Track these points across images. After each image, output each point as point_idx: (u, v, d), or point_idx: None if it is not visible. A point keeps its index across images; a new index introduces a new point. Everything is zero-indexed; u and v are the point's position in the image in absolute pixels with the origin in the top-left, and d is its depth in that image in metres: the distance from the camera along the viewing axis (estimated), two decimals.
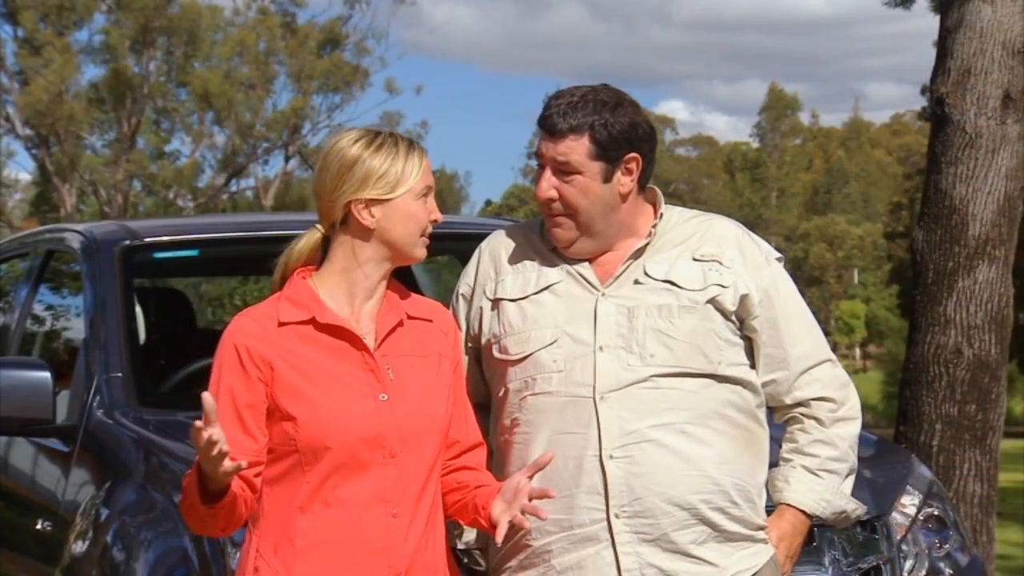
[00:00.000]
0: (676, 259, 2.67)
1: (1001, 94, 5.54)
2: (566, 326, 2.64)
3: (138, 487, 3.24)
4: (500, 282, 2.71)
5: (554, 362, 2.62)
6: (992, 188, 5.56)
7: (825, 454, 2.70)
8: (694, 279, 2.65)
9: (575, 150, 2.61)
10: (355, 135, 2.49)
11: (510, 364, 2.66)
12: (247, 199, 36.61)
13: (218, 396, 2.38)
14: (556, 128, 2.62)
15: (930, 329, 5.60)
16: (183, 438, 3.28)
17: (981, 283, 5.56)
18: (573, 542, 2.60)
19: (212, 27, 33.99)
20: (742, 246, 2.71)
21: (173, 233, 4.28)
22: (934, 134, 5.74)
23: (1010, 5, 5.57)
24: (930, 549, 3.31)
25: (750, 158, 60.87)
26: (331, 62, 33.96)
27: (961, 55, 5.57)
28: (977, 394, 5.55)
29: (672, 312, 2.63)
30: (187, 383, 3.91)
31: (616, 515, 2.59)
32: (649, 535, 2.59)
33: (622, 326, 2.62)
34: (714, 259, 2.67)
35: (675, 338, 2.62)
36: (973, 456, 5.53)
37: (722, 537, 2.63)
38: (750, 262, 2.69)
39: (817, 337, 2.74)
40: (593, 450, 2.59)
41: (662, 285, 2.65)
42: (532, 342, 2.64)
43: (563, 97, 2.64)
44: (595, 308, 2.64)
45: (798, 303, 2.73)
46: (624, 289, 2.65)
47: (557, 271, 2.68)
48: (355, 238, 2.48)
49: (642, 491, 2.58)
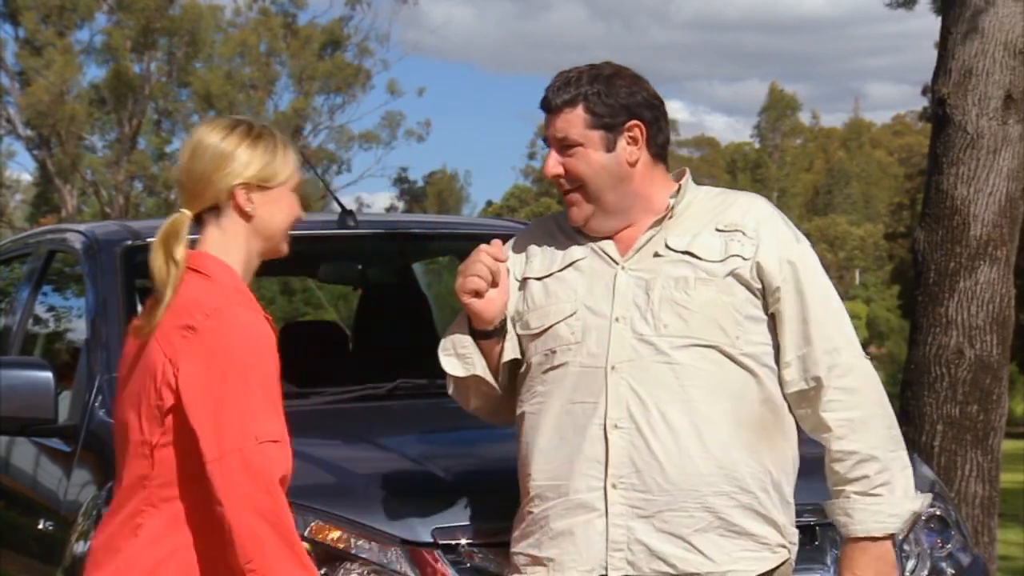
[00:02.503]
0: (699, 231, 2.66)
1: (1003, 95, 5.54)
2: (585, 299, 2.66)
3: None
4: (528, 263, 2.75)
5: (572, 334, 2.64)
6: (993, 189, 5.55)
7: (872, 471, 2.63)
8: (715, 250, 2.64)
9: (572, 123, 2.64)
10: (229, 122, 2.45)
11: (531, 338, 2.69)
12: None
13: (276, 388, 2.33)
14: (552, 104, 2.66)
15: (931, 330, 5.59)
16: None
17: (983, 284, 5.55)
18: (568, 508, 2.60)
19: (213, 28, 34.00)
20: (770, 218, 2.68)
21: None
22: (935, 135, 5.73)
23: (1012, 6, 5.57)
24: (932, 549, 3.31)
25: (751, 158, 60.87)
26: (333, 63, 33.99)
27: (962, 56, 5.57)
28: (979, 395, 5.55)
29: (688, 283, 2.62)
30: None
31: (613, 485, 2.57)
32: (644, 511, 2.56)
33: (638, 297, 2.62)
34: (737, 228, 2.65)
35: (690, 309, 2.60)
36: (975, 457, 5.53)
37: (725, 529, 2.58)
38: (778, 235, 2.66)
39: (845, 323, 2.67)
40: (599, 419, 2.59)
41: (681, 257, 2.64)
42: (551, 315, 2.67)
43: (560, 75, 2.68)
44: (614, 280, 2.65)
45: (827, 286, 2.68)
46: (644, 262, 2.66)
47: (581, 249, 2.71)
48: (231, 228, 2.43)
49: (642, 465, 2.56)
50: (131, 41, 32.45)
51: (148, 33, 32.31)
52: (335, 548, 2.86)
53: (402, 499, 2.93)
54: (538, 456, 2.65)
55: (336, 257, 4.68)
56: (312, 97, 34.29)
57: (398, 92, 36.37)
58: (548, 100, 2.66)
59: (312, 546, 2.84)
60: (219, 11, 34.33)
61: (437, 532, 2.87)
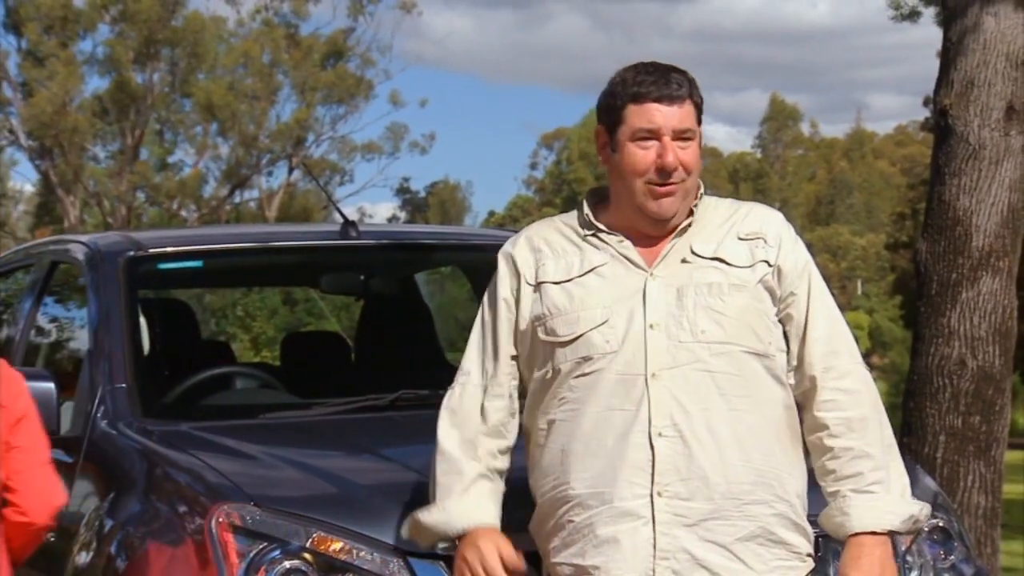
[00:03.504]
0: (723, 237, 2.69)
1: (1004, 106, 5.54)
2: (616, 306, 2.64)
3: (142, 498, 3.24)
4: (541, 267, 2.72)
5: (607, 342, 2.62)
6: (996, 199, 5.56)
7: (867, 467, 2.65)
8: (742, 256, 2.67)
9: (688, 115, 2.66)
10: None
11: (559, 345, 2.66)
12: (251, 210, 36.63)
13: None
14: (675, 95, 2.64)
15: (934, 340, 5.59)
16: (186, 449, 3.29)
17: (985, 294, 5.55)
18: (612, 516, 2.59)
19: (216, 38, 34.04)
20: (787, 227, 2.75)
21: (177, 244, 4.28)
22: (937, 145, 5.74)
23: (1014, 17, 5.58)
24: (935, 560, 3.30)
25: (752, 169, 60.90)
26: (335, 74, 34.01)
27: (965, 67, 5.58)
28: (981, 406, 5.54)
29: (722, 290, 2.64)
30: (191, 394, 3.91)
31: (659, 493, 2.57)
32: (689, 519, 2.57)
33: (671, 305, 2.63)
34: (758, 236, 2.70)
35: (726, 315, 2.62)
36: (977, 468, 5.53)
37: (764, 538, 2.60)
38: (795, 244, 2.73)
39: (845, 331, 2.74)
40: (642, 426, 2.58)
41: (710, 263, 2.66)
42: (583, 322, 2.64)
43: (655, 66, 2.68)
44: (644, 288, 2.64)
45: (829, 295, 2.77)
46: (672, 268, 2.66)
47: (600, 254, 2.69)
48: None
49: (688, 473, 2.57)
50: (133, 52, 32.47)
51: (150, 44, 32.34)
52: (337, 559, 2.85)
53: (404, 510, 2.92)
54: (576, 463, 2.63)
55: (338, 268, 4.68)
56: (314, 108, 34.30)
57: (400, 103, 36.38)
58: (672, 90, 2.64)
59: (314, 557, 2.85)
60: (222, 22, 34.38)
61: (439, 543, 2.86)
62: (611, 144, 2.70)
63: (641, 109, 2.64)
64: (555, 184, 57.46)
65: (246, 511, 2.91)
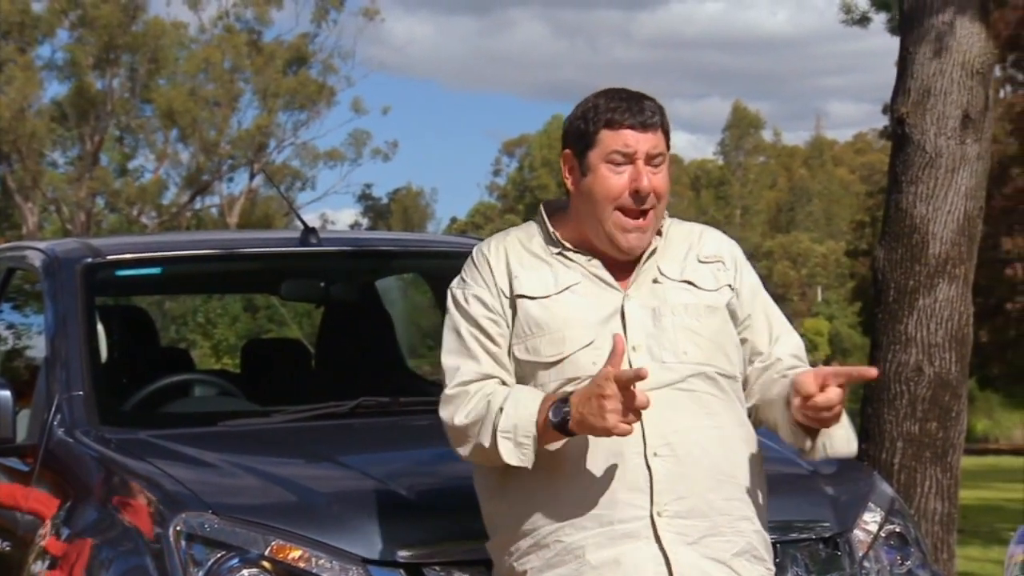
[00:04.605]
0: (684, 259, 2.73)
1: (961, 114, 5.60)
2: (599, 327, 2.63)
3: (99, 507, 3.22)
4: (515, 278, 2.69)
5: (593, 364, 2.60)
6: (952, 207, 5.61)
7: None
8: (708, 280, 2.72)
9: (662, 141, 2.68)
10: None
11: (542, 367, 2.64)
12: (212, 216, 36.46)
13: None
14: (648, 122, 2.66)
15: (891, 347, 5.64)
16: (144, 457, 3.27)
17: (941, 301, 5.60)
18: (611, 538, 2.58)
19: (177, 44, 33.87)
20: (737, 248, 2.82)
21: (135, 251, 4.26)
22: (895, 154, 5.79)
23: (970, 26, 5.63)
24: (891, 566, 3.33)
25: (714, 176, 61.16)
26: (297, 80, 33.91)
27: (921, 75, 5.63)
28: (938, 412, 5.59)
29: (699, 311, 2.68)
30: (149, 402, 3.89)
31: (659, 513, 2.58)
32: (690, 537, 2.59)
33: (649, 326, 2.65)
34: (718, 259, 2.76)
35: (703, 335, 2.66)
36: (934, 474, 5.57)
37: (751, 554, 2.65)
38: (745, 265, 2.80)
39: (793, 333, 2.82)
40: (636, 447, 2.58)
41: (680, 285, 2.70)
42: (568, 343, 2.63)
43: (630, 96, 2.69)
44: (622, 309, 2.65)
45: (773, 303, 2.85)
46: (644, 289, 2.69)
47: (572, 272, 2.69)
48: None
49: (684, 491, 2.59)
50: (93, 57, 32.26)
51: (110, 49, 32.13)
52: (296, 567, 2.84)
53: (364, 518, 2.92)
54: (566, 484, 2.60)
55: (298, 275, 4.67)
56: (276, 114, 34.19)
57: (363, 110, 36.33)
58: (646, 117, 2.66)
59: (273, 565, 2.84)
60: (183, 28, 34.20)
61: (399, 551, 2.86)
62: (580, 168, 2.69)
63: (616, 134, 2.65)
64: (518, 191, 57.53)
65: (204, 519, 2.90)
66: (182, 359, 5.10)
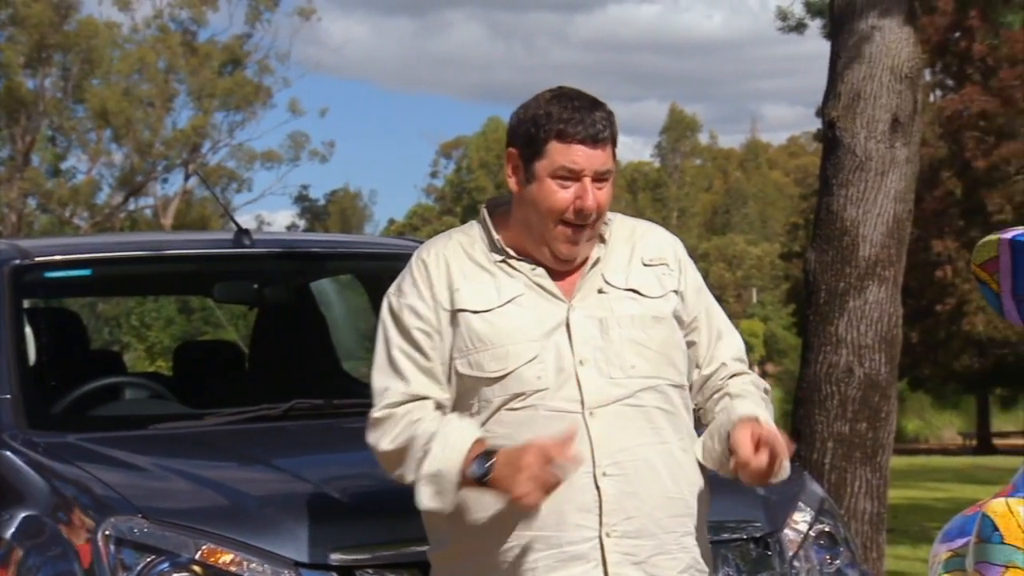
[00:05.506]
0: (628, 265, 2.68)
1: (890, 118, 5.68)
2: (543, 340, 2.58)
3: (28, 512, 3.18)
4: (456, 291, 2.62)
5: (538, 379, 2.56)
6: (881, 210, 5.69)
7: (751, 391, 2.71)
8: (653, 286, 2.67)
9: (610, 155, 2.62)
10: None
11: (486, 382, 2.59)
12: (146, 218, 36.11)
13: None
14: (599, 137, 2.58)
15: (822, 349, 5.70)
16: (74, 461, 3.24)
17: (871, 303, 5.67)
18: (561, 560, 2.55)
19: (110, 44, 33.51)
20: (680, 247, 2.77)
21: (65, 252, 4.21)
22: (826, 157, 5.86)
23: (898, 32, 5.71)
24: (821, 565, 3.36)
25: (651, 178, 61.47)
26: (233, 81, 33.69)
27: (851, 80, 5.71)
28: (868, 412, 5.66)
29: (645, 322, 2.64)
30: (78, 405, 3.85)
31: (607, 534, 2.55)
32: (637, 557, 2.57)
33: (596, 338, 2.60)
34: (662, 262, 2.70)
35: (650, 348, 2.62)
36: (864, 474, 5.64)
37: (695, 569, 2.64)
38: (689, 264, 2.76)
39: (735, 332, 2.82)
40: (586, 467, 2.54)
41: (625, 294, 2.65)
42: (512, 358, 2.57)
43: (583, 106, 2.59)
44: (567, 321, 2.60)
45: (715, 300, 2.82)
46: (590, 299, 2.63)
47: (514, 283, 2.63)
48: None
49: (633, 511, 2.57)
50: (24, 57, 31.85)
51: (42, 49, 31.73)
52: (227, 571, 2.83)
53: (296, 521, 2.90)
54: (517, 504, 2.52)
55: (231, 276, 4.64)
56: (211, 115, 33.93)
57: (300, 111, 36.13)
58: (597, 131, 2.58)
59: (203, 569, 2.82)
60: (116, 27, 33.85)
61: (332, 554, 2.85)
62: (526, 173, 2.62)
63: (566, 149, 2.58)
64: (455, 192, 57.49)
65: (134, 523, 2.88)
66: (113, 362, 5.04)
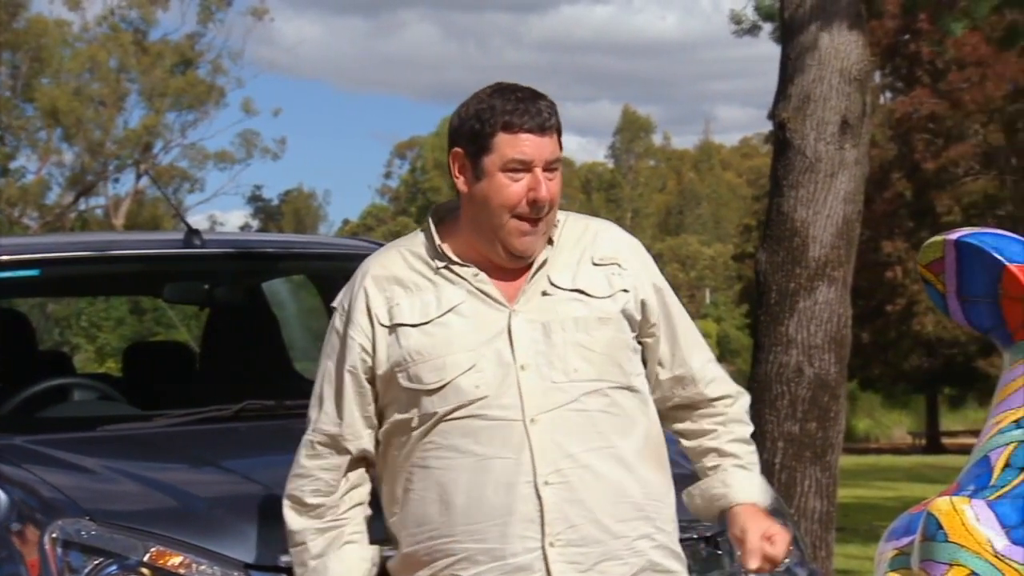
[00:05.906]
0: (577, 265, 2.64)
1: (839, 120, 5.73)
2: (482, 348, 2.54)
3: None
4: (395, 306, 2.58)
5: (476, 387, 2.53)
6: (831, 211, 5.74)
7: (744, 451, 2.73)
8: (601, 286, 2.63)
9: (557, 145, 2.59)
10: None
11: (425, 393, 2.55)
12: (97, 218, 35.81)
13: None
14: (546, 125, 2.55)
15: (773, 349, 5.75)
16: (20, 463, 3.21)
17: (821, 304, 5.73)
18: (505, 572, 2.52)
19: (60, 42, 33.22)
20: (635, 246, 2.72)
21: (11, 252, 4.17)
22: (776, 158, 5.91)
23: (848, 35, 5.77)
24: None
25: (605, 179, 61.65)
26: (185, 80, 33.49)
27: (801, 82, 5.75)
28: (817, 412, 5.71)
29: (589, 324, 2.59)
30: (25, 406, 3.82)
31: (551, 544, 2.52)
32: (583, 564, 2.54)
33: (539, 343, 2.56)
34: (613, 262, 2.66)
35: (594, 351, 2.58)
36: (813, 473, 5.69)
37: (652, 571, 2.61)
38: (646, 263, 2.72)
39: (700, 336, 2.79)
40: (527, 476, 2.51)
41: (571, 295, 2.60)
42: (449, 368, 2.53)
43: (526, 97, 2.57)
44: (508, 326, 2.56)
45: (680, 304, 2.79)
46: (533, 303, 2.59)
47: (456, 290, 2.58)
48: None
49: (576, 519, 2.53)
50: None
51: None
52: (176, 573, 2.81)
53: (246, 523, 2.89)
54: (459, 516, 2.53)
55: (182, 277, 4.61)
56: (163, 114, 33.71)
57: (253, 111, 35.95)
58: (544, 119, 2.55)
59: (152, 572, 2.80)
60: (66, 26, 33.57)
61: (281, 556, 2.84)
62: (474, 171, 2.58)
63: (514, 139, 2.54)
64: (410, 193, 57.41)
65: (81, 526, 2.85)
66: (61, 363, 5.00)
